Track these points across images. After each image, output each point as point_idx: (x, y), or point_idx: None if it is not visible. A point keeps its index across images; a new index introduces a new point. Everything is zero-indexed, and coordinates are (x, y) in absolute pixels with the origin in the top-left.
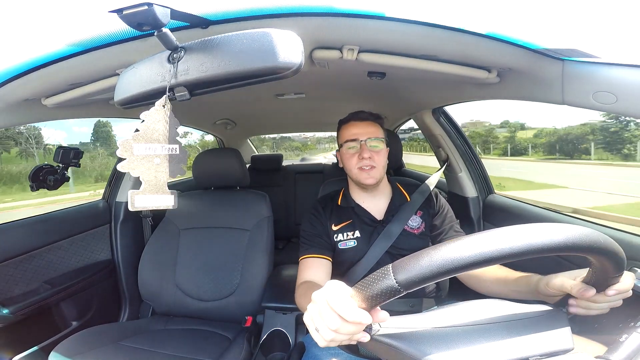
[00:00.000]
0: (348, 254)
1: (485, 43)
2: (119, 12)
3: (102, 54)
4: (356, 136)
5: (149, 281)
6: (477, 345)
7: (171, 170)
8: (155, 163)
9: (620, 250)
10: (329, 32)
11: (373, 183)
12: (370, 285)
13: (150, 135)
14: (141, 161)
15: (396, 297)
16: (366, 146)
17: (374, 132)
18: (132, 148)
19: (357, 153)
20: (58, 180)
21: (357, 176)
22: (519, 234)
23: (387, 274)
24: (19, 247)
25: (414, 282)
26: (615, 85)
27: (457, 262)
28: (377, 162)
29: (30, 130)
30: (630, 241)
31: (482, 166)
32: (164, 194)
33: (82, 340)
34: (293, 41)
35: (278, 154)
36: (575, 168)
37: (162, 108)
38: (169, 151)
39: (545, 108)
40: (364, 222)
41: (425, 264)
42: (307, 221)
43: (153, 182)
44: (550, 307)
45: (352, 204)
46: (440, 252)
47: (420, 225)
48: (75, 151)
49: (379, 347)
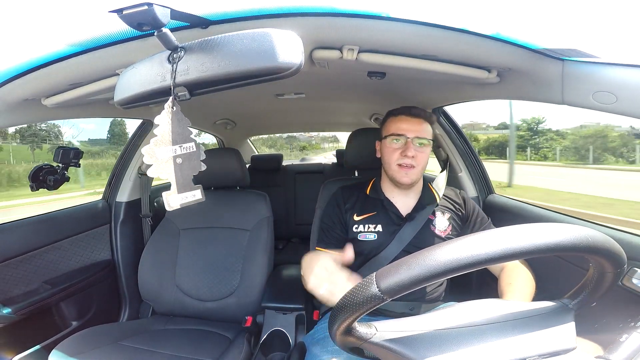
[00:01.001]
0: (366, 247)
1: (485, 43)
2: (119, 12)
3: (102, 54)
4: (404, 132)
5: (149, 281)
6: (477, 345)
7: (192, 166)
8: (178, 163)
9: (620, 250)
10: (329, 32)
11: (409, 183)
12: (354, 296)
13: (168, 138)
14: (166, 164)
15: (380, 304)
16: (412, 144)
17: (423, 131)
18: (155, 153)
19: (400, 149)
20: (58, 180)
21: (394, 173)
22: (498, 238)
23: (370, 282)
24: (19, 247)
25: (395, 290)
26: (615, 85)
27: (434, 270)
28: (419, 161)
29: (51, 127)
30: (630, 241)
31: (482, 166)
32: (192, 189)
33: (82, 340)
34: (293, 41)
35: (278, 154)
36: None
37: (172, 110)
38: (187, 150)
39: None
40: (388, 217)
41: (405, 272)
42: (326, 213)
43: (181, 181)
44: (555, 302)
45: (381, 196)
46: (418, 259)
47: (447, 227)
48: (75, 151)
49: (380, 350)
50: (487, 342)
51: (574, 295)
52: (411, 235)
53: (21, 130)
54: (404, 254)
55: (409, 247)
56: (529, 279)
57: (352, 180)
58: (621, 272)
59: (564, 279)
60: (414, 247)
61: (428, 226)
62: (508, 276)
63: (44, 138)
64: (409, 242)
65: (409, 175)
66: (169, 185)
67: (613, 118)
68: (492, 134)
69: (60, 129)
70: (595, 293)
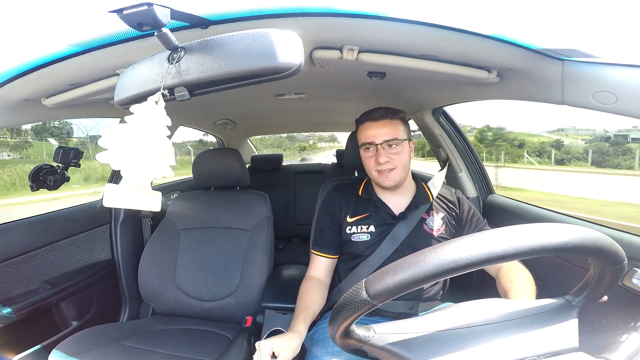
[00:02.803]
0: (360, 247)
1: (485, 43)
2: (119, 12)
3: (102, 54)
4: (372, 139)
5: (149, 281)
6: (477, 346)
7: (157, 169)
8: (140, 158)
9: (617, 246)
10: (329, 32)
11: (392, 185)
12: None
13: (138, 129)
14: (124, 154)
15: (372, 309)
16: (382, 150)
17: (390, 133)
18: (117, 139)
19: (373, 156)
20: (58, 180)
21: (376, 179)
22: (490, 239)
23: (360, 288)
24: (19, 247)
25: (383, 295)
26: (615, 85)
27: (424, 274)
28: (396, 163)
29: (64, 125)
30: (630, 241)
31: (482, 166)
32: (146, 193)
33: (82, 340)
34: (293, 41)
35: (278, 154)
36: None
37: (155, 104)
38: (156, 148)
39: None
40: (381, 217)
41: (390, 277)
42: (320, 214)
43: (135, 179)
44: (558, 299)
45: (373, 197)
46: (407, 263)
47: (440, 227)
48: (75, 151)
49: (380, 352)
50: (489, 342)
51: (578, 292)
52: (404, 235)
53: (36, 127)
54: (397, 254)
55: (402, 246)
56: (527, 276)
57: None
58: (621, 268)
59: (564, 278)
60: (407, 247)
61: (421, 225)
62: (508, 274)
63: (58, 135)
64: (402, 242)
65: (390, 178)
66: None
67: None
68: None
69: (76, 125)
70: (597, 290)
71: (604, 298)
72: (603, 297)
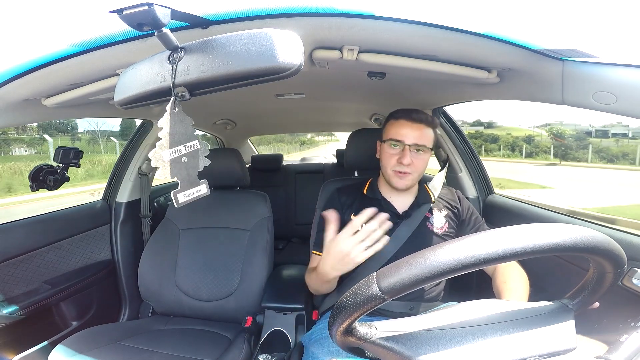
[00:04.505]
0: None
1: (485, 43)
2: (119, 12)
3: (102, 54)
4: (403, 138)
5: (149, 281)
6: (476, 346)
7: (197, 163)
8: (183, 162)
9: (621, 250)
10: (329, 32)
11: (403, 188)
12: (354, 297)
13: (172, 140)
14: (172, 165)
15: (381, 304)
16: (409, 151)
17: (422, 138)
18: (162, 156)
19: (397, 155)
20: (58, 180)
21: (390, 177)
22: (499, 237)
23: (371, 282)
24: (19, 247)
25: (396, 289)
26: (615, 86)
27: (435, 269)
28: (415, 168)
29: (70, 120)
30: (630, 241)
31: (482, 166)
32: (197, 185)
33: (82, 340)
34: (293, 41)
35: (278, 154)
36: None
37: (173, 111)
38: (191, 148)
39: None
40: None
41: (406, 271)
42: (319, 214)
43: (187, 179)
44: (555, 302)
45: (378, 196)
46: (419, 259)
47: (443, 225)
48: (75, 151)
49: (381, 350)
50: (487, 341)
51: (574, 295)
52: (408, 233)
53: (44, 125)
54: (400, 252)
55: (406, 245)
56: (522, 276)
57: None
58: (621, 272)
59: (563, 279)
60: (411, 245)
61: (425, 224)
62: (502, 274)
63: (68, 131)
64: (406, 240)
65: (404, 181)
66: (171, 185)
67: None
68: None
69: (87, 121)
70: (595, 293)
71: (595, 304)
72: (595, 303)
